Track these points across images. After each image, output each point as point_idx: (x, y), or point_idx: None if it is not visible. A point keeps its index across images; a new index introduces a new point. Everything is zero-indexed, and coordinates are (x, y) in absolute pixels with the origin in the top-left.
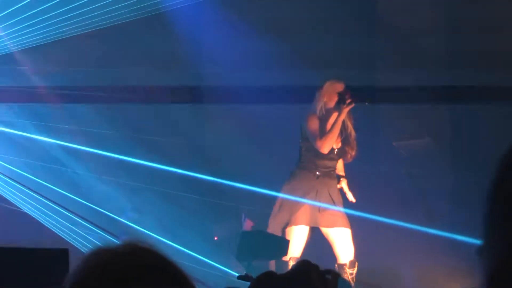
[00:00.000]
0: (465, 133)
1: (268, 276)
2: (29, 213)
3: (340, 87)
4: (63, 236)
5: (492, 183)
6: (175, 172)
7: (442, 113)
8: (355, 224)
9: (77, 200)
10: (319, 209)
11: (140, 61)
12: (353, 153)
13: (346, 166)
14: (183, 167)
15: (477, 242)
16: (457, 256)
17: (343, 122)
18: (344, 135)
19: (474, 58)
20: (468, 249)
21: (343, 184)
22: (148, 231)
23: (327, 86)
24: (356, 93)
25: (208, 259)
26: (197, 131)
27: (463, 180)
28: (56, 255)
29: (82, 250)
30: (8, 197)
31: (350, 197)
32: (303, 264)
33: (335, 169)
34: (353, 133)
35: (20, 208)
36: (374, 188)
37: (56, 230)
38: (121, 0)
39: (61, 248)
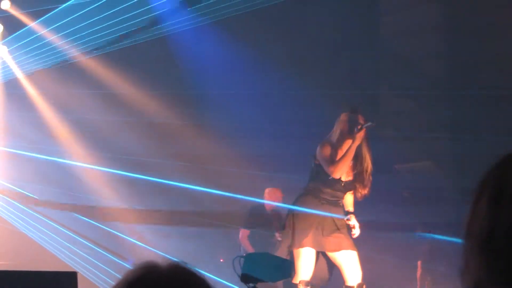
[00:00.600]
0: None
1: None
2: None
3: (355, 116)
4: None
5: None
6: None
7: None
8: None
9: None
10: (323, 234)
11: None
12: (364, 192)
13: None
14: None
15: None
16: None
17: (361, 154)
18: (358, 169)
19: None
20: None
21: (353, 220)
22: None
23: (343, 116)
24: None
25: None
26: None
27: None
28: (65, 279)
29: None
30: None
31: (357, 232)
32: None
33: (341, 199)
34: (369, 168)
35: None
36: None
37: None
38: None
39: (70, 271)
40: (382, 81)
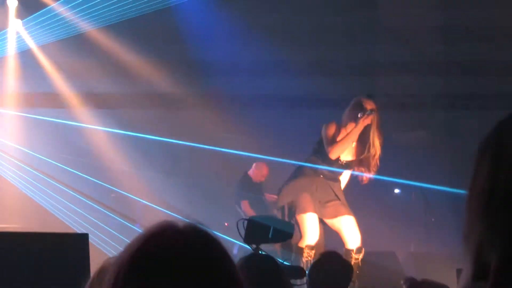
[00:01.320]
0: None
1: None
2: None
3: (366, 102)
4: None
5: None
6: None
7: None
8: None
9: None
10: (320, 202)
11: None
12: (369, 176)
13: None
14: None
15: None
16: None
17: (369, 139)
18: (365, 154)
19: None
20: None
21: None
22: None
23: (354, 100)
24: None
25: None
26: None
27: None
28: (77, 239)
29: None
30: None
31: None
32: None
33: (340, 175)
34: (377, 154)
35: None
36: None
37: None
38: None
39: (82, 233)
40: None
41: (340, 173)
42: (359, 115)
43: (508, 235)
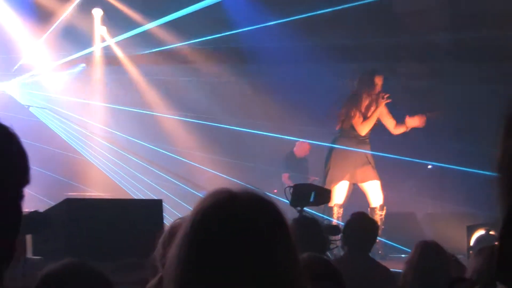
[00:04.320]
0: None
1: None
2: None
3: (377, 78)
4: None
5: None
6: None
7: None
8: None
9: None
10: (355, 167)
11: None
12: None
13: None
14: None
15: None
16: (462, 202)
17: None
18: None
19: None
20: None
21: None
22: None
23: (368, 77)
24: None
25: None
26: None
27: None
28: (152, 205)
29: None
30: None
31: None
32: None
33: (368, 138)
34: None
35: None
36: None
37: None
38: None
39: (156, 199)
40: None
41: (369, 136)
42: (379, 94)
43: None
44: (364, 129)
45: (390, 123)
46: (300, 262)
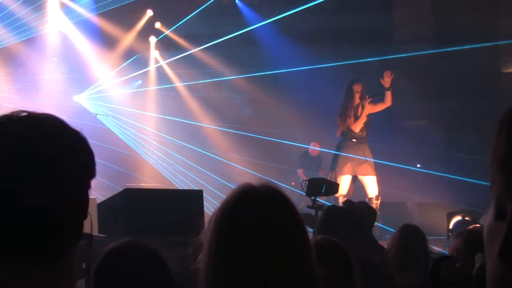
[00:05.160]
0: None
1: None
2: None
3: (359, 86)
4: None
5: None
6: None
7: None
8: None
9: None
10: (357, 163)
11: None
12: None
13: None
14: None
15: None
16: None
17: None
18: (368, 119)
19: None
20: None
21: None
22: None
23: (354, 88)
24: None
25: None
26: None
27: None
28: (194, 195)
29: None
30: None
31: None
32: None
33: (365, 137)
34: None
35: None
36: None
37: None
38: None
39: (197, 189)
40: None
41: (365, 135)
42: (367, 98)
43: None
44: (357, 126)
45: (381, 107)
46: (310, 243)
